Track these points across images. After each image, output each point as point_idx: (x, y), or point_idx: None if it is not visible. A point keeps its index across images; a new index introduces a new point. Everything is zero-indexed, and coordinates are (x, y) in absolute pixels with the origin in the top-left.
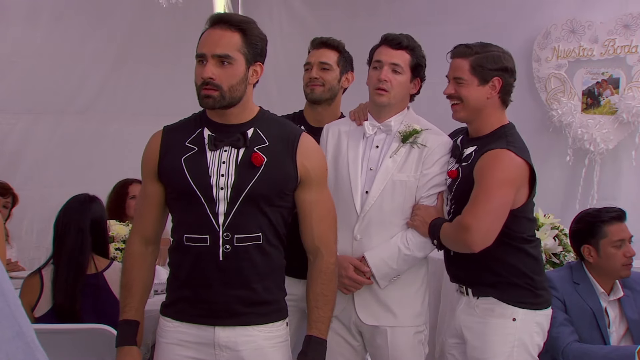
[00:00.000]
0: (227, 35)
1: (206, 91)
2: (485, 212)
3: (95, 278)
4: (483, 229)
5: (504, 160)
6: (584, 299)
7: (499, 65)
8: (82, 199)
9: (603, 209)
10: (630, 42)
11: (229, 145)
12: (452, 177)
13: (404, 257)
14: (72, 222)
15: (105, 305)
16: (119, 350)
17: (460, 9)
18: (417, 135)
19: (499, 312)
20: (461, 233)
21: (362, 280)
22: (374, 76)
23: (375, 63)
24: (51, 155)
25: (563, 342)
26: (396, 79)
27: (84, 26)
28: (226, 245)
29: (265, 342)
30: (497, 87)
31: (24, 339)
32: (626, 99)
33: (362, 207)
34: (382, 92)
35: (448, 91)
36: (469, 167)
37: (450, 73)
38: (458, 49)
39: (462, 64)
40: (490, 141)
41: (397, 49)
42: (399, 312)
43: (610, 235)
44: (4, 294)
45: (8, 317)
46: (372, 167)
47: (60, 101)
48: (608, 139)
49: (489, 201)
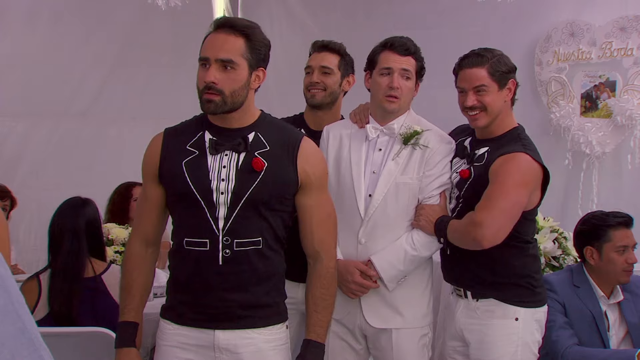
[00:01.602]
0: (231, 40)
1: (208, 95)
2: (499, 209)
3: (94, 281)
4: (495, 226)
5: (521, 163)
6: (584, 303)
7: (510, 66)
8: (74, 202)
9: (611, 213)
10: (626, 45)
11: (229, 149)
12: (464, 176)
13: (410, 258)
14: (66, 227)
15: (104, 308)
16: (118, 351)
17: (459, 11)
18: (419, 137)
19: (501, 312)
20: (473, 228)
21: (369, 285)
22: (384, 83)
23: (384, 70)
24: (50, 158)
25: (562, 346)
26: (406, 85)
27: (83, 29)
28: (226, 250)
29: (265, 344)
30: (512, 89)
31: (28, 335)
32: (621, 101)
33: (366, 211)
34: (394, 99)
35: (471, 102)
36: (483, 167)
37: (466, 85)
38: (470, 59)
39: (480, 72)
40: (503, 143)
41: (405, 55)
42: (407, 314)
43: (614, 239)
44: (8, 291)
45: (12, 313)
46: (375, 170)
47: (59, 104)
48: (604, 142)
49: (505, 200)
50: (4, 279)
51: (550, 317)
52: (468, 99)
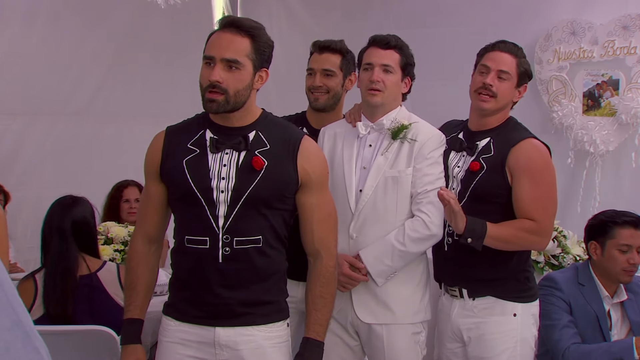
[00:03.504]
0: (237, 40)
1: (211, 94)
2: (553, 214)
3: (89, 279)
4: (551, 230)
5: (542, 152)
6: (587, 302)
7: (530, 73)
8: (62, 202)
9: (621, 212)
10: (629, 44)
11: (230, 148)
12: (474, 169)
13: (398, 254)
14: (54, 226)
15: (101, 305)
16: (124, 348)
17: (458, 10)
18: (407, 131)
19: (500, 309)
20: (536, 238)
21: (358, 277)
22: (366, 77)
23: (366, 65)
24: (47, 157)
25: (563, 346)
26: (388, 78)
27: (81, 27)
28: (226, 248)
29: (265, 341)
30: (521, 93)
31: (23, 327)
32: (625, 100)
33: (356, 206)
34: (375, 92)
35: (491, 81)
36: (495, 158)
37: (492, 64)
38: (507, 45)
39: (511, 60)
40: (504, 131)
41: (386, 49)
42: (397, 309)
43: (618, 237)
44: (1, 284)
45: (6, 306)
46: (366, 165)
47: (57, 102)
48: (608, 141)
49: (554, 202)
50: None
51: (555, 315)
52: (489, 77)
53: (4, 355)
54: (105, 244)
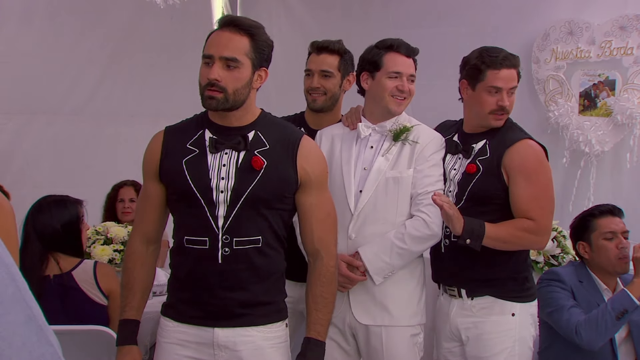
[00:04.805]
0: (236, 38)
1: (210, 92)
2: (551, 212)
3: (61, 278)
4: (550, 229)
5: (537, 152)
6: (588, 294)
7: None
8: (36, 203)
9: (596, 206)
10: (626, 44)
11: (229, 148)
12: (470, 171)
13: (397, 251)
14: (24, 227)
15: (75, 304)
16: (119, 349)
17: (457, 11)
18: (408, 133)
19: (498, 309)
20: (534, 237)
21: (355, 277)
22: (392, 85)
23: (393, 73)
24: (43, 156)
25: (575, 321)
26: (413, 87)
27: (79, 26)
28: (225, 248)
29: (264, 342)
30: None
31: (37, 322)
32: (621, 100)
33: (355, 206)
34: (402, 101)
35: (506, 101)
36: (491, 160)
37: (504, 84)
38: (510, 60)
39: (515, 74)
40: (499, 133)
41: (409, 57)
42: (395, 311)
43: (599, 227)
44: (14, 279)
45: (20, 301)
46: (366, 166)
47: (54, 102)
48: (603, 141)
49: (552, 200)
50: (9, 267)
51: (560, 301)
52: (505, 99)
53: (21, 349)
54: (104, 244)
